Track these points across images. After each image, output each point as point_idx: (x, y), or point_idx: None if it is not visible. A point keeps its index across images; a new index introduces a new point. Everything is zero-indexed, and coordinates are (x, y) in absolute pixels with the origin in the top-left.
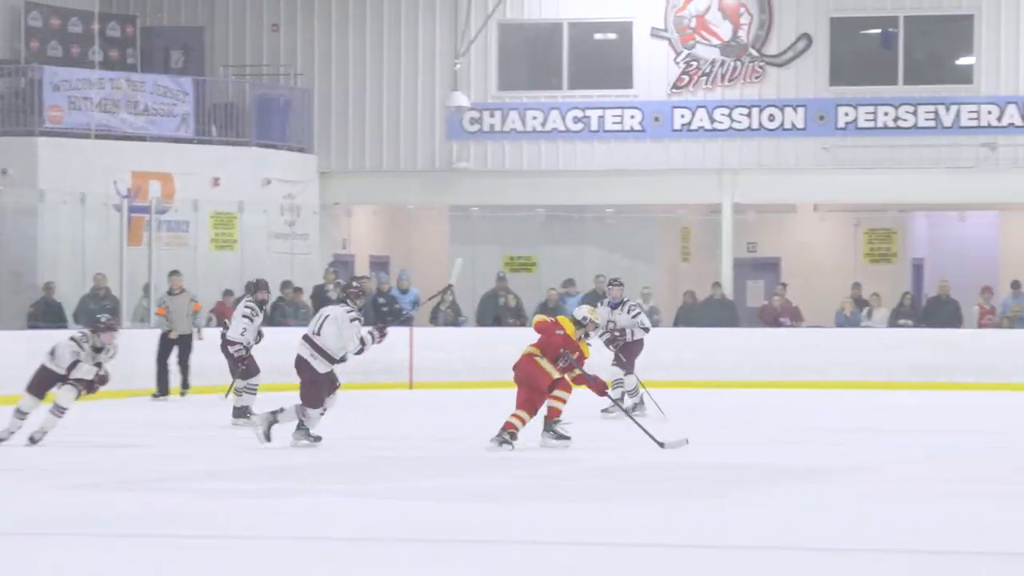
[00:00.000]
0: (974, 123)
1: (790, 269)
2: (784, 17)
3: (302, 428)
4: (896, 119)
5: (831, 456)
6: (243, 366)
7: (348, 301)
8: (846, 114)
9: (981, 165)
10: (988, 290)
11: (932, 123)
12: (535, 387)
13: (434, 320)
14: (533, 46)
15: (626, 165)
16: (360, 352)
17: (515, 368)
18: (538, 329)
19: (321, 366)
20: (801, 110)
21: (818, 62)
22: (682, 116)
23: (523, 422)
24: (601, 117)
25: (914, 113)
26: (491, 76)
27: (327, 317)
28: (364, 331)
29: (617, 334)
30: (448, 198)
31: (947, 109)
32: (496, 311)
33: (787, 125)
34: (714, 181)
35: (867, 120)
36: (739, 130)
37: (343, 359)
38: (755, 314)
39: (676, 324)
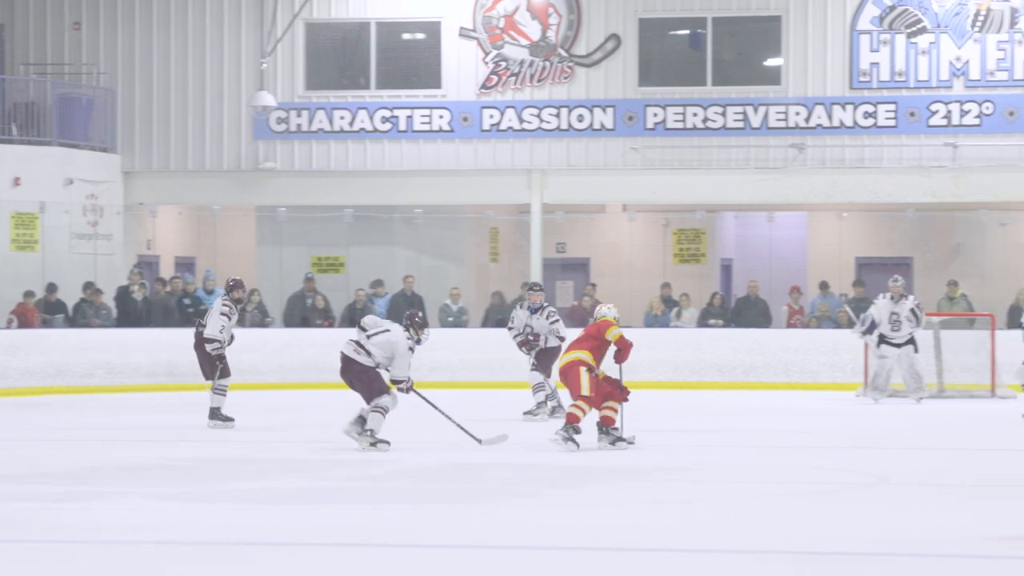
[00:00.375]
0: (782, 124)
1: (599, 269)
2: (593, 18)
3: (365, 432)
4: (705, 120)
5: (638, 457)
6: (220, 364)
7: (411, 330)
8: (655, 115)
9: (789, 166)
10: (796, 290)
11: (741, 124)
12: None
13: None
14: (341, 46)
15: (435, 165)
16: (398, 383)
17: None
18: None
19: (366, 359)
20: (610, 110)
21: (627, 63)
22: (491, 116)
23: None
24: (409, 117)
25: (723, 114)
26: (298, 76)
27: (387, 332)
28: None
29: (532, 338)
30: (255, 198)
31: (755, 110)
32: (303, 312)
33: (596, 125)
34: (523, 181)
35: (676, 121)
36: (548, 130)
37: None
38: (564, 314)
39: (485, 324)
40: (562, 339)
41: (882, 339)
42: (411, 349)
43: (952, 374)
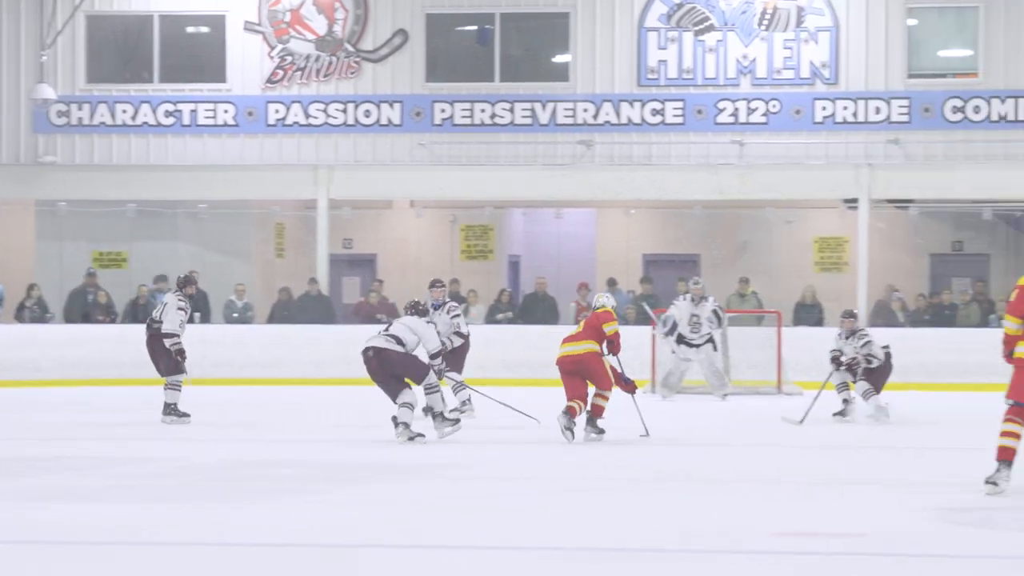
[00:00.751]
0: (570, 121)
1: (386, 265)
2: (380, 12)
3: (437, 416)
4: (493, 116)
5: (434, 454)
6: (182, 359)
7: (421, 317)
8: (442, 111)
9: (577, 163)
10: (585, 287)
11: (529, 120)
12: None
13: (19, 317)
14: (123, 38)
15: (219, 160)
16: (436, 356)
17: (577, 361)
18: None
19: (398, 347)
20: (397, 106)
21: (414, 58)
22: (276, 111)
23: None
24: (193, 111)
25: (511, 110)
26: (79, 68)
27: (397, 324)
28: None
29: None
30: (34, 192)
31: (544, 106)
32: (85, 308)
33: (383, 121)
34: (309, 177)
35: (464, 117)
36: (335, 126)
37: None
38: (351, 311)
39: (271, 320)
40: (464, 336)
41: (681, 339)
42: (431, 323)
43: (739, 371)
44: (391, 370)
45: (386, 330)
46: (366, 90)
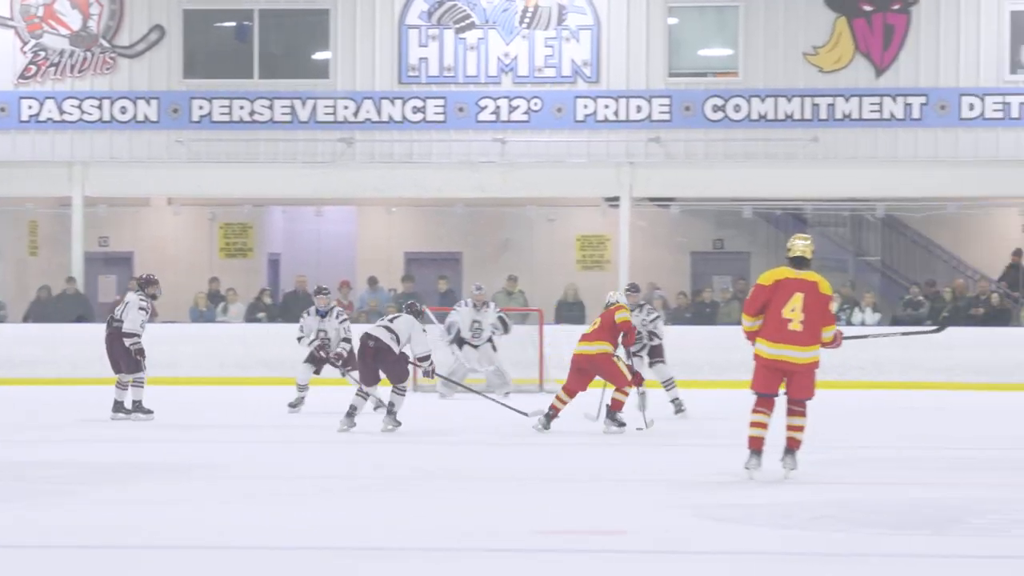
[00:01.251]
0: (330, 118)
1: (144, 263)
2: (136, 8)
3: (391, 412)
4: (252, 113)
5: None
6: (142, 358)
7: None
8: (200, 107)
9: (338, 160)
10: (346, 285)
11: (288, 117)
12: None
13: None
14: None
15: None
16: (423, 360)
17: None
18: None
19: (396, 345)
20: (154, 102)
21: (171, 54)
22: (30, 107)
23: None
24: None
25: (270, 107)
26: None
27: (399, 316)
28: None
29: (325, 342)
30: None
31: (303, 104)
32: None
33: (140, 117)
34: (64, 174)
35: (222, 114)
36: (90, 122)
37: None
38: (107, 309)
39: (27, 320)
40: (348, 341)
41: (462, 343)
42: (424, 330)
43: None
44: (379, 365)
45: (390, 321)
46: (122, 86)
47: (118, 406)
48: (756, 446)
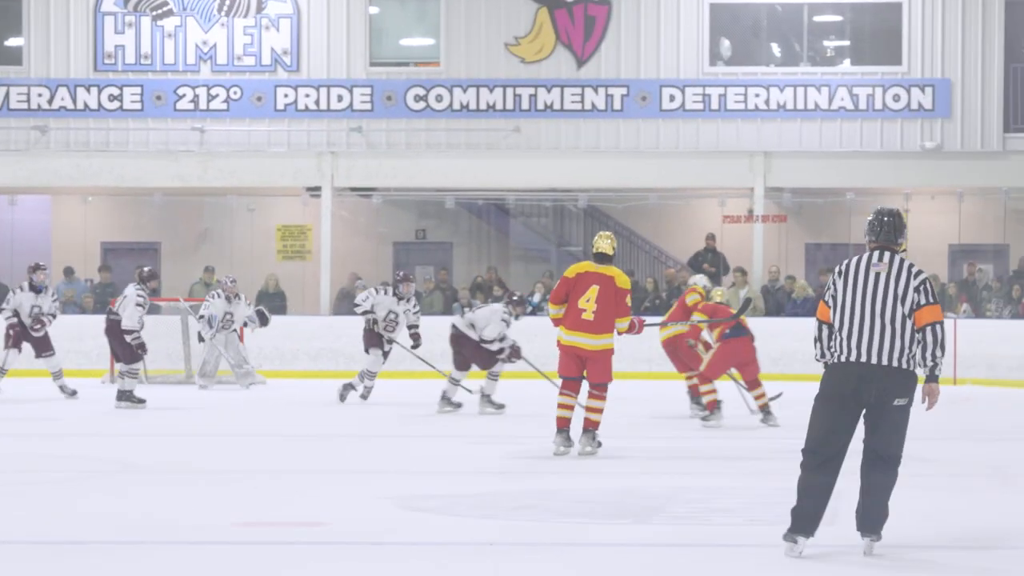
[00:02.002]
0: (24, 105)
1: None
2: None
3: (487, 396)
4: None
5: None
6: (142, 352)
7: (511, 307)
8: None
9: (32, 148)
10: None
11: None
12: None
13: None
14: None
15: None
16: (488, 342)
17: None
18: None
19: (473, 333)
20: None
21: None
22: None
23: None
24: None
25: None
26: None
27: (487, 306)
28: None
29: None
30: None
31: None
32: None
33: None
34: None
35: None
36: None
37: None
38: None
39: None
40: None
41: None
42: (504, 321)
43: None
44: (462, 352)
45: (471, 311)
46: None
47: (124, 395)
48: (562, 425)
